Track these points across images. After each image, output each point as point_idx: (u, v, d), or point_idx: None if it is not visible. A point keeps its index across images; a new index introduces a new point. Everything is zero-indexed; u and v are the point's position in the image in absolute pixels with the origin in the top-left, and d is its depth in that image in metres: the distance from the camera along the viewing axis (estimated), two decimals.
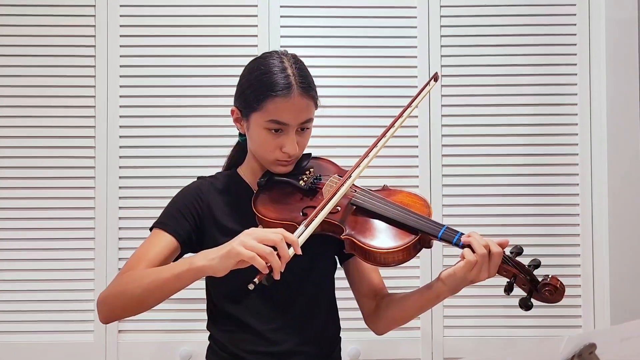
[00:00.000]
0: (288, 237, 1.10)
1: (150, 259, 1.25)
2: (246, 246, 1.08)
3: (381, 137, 1.30)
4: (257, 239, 1.09)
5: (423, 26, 2.06)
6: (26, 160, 2.02)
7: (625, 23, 2.03)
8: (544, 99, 2.06)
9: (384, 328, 1.38)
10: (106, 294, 1.23)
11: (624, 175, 2.01)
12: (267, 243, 1.08)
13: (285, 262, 1.09)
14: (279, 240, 1.08)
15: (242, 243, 1.09)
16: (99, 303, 1.23)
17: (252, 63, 1.32)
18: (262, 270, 1.07)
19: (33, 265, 2.00)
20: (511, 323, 2.01)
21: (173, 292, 1.17)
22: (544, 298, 1.15)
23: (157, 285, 1.16)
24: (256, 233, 1.10)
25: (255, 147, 1.32)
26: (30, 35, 2.04)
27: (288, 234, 1.11)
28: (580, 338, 0.80)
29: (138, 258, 1.26)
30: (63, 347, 1.98)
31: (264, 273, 1.07)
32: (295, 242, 1.11)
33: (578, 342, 0.79)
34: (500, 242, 1.16)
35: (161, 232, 1.29)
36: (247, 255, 1.07)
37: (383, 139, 1.30)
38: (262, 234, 1.10)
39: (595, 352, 0.80)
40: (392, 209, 1.24)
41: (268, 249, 1.07)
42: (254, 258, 1.07)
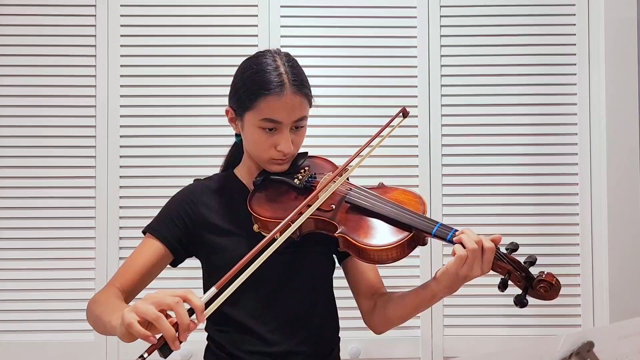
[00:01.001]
0: (192, 301, 0.96)
1: (137, 268, 1.28)
2: (136, 311, 0.96)
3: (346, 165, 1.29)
4: (154, 302, 0.96)
5: (423, 26, 2.06)
6: (27, 160, 2.02)
7: (624, 22, 2.03)
8: (544, 98, 2.07)
9: (382, 327, 1.38)
10: (88, 304, 1.24)
11: (623, 173, 2.01)
12: (162, 307, 0.96)
13: (184, 331, 0.95)
14: (174, 304, 0.95)
15: (134, 308, 0.97)
16: (86, 309, 1.24)
17: (245, 62, 1.33)
18: (143, 340, 0.95)
19: (33, 264, 2.00)
20: (510, 322, 2.01)
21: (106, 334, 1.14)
22: (539, 295, 1.13)
23: (98, 321, 1.15)
24: (154, 296, 0.97)
25: (250, 147, 1.32)
26: (30, 35, 2.04)
27: (192, 297, 0.97)
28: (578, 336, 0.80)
29: (127, 266, 1.29)
30: (63, 347, 1.98)
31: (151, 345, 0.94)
32: (199, 307, 0.96)
33: (576, 340, 0.79)
34: (493, 238, 1.15)
35: (151, 238, 1.31)
36: (127, 321, 0.96)
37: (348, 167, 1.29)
38: (158, 298, 0.97)
39: (593, 350, 0.80)
40: (385, 206, 1.23)
41: (154, 313, 0.95)
42: (130, 325, 0.95)
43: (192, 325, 0.96)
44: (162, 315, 0.95)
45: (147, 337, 0.95)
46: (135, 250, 1.31)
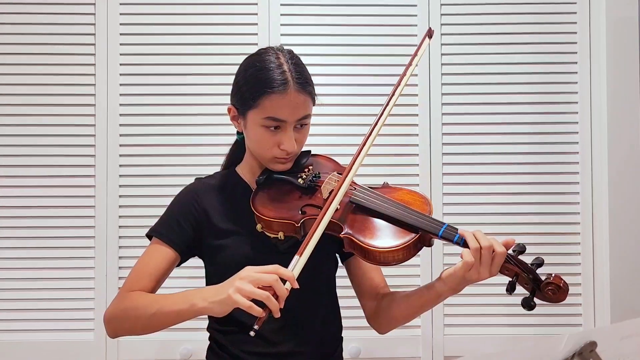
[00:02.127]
0: (283, 274, 1.08)
1: (150, 274, 1.27)
2: (242, 293, 1.07)
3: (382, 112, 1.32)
4: (253, 282, 1.08)
5: (423, 24, 2.06)
6: (26, 159, 2.02)
7: (625, 22, 2.02)
8: (545, 97, 2.06)
9: (385, 327, 1.37)
10: (110, 315, 1.25)
11: (624, 172, 2.01)
12: (264, 285, 1.07)
13: (283, 301, 1.08)
14: (274, 281, 1.07)
15: (238, 290, 1.08)
16: (106, 322, 1.26)
17: (248, 60, 1.31)
18: (260, 316, 1.06)
19: (33, 264, 2.00)
20: (511, 322, 2.01)
21: (174, 324, 1.20)
22: (547, 297, 1.12)
23: (159, 318, 1.19)
24: (251, 276, 1.09)
25: (253, 145, 1.31)
26: (30, 34, 2.04)
27: (283, 270, 1.09)
28: (581, 336, 0.79)
29: (139, 274, 1.28)
30: (63, 346, 1.98)
31: (262, 317, 1.06)
32: (291, 277, 1.09)
33: (579, 340, 0.79)
34: (506, 242, 1.13)
35: (159, 244, 1.30)
36: (244, 304, 1.07)
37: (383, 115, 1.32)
38: (257, 277, 1.08)
39: (596, 350, 0.80)
40: (391, 207, 1.22)
41: (265, 294, 1.06)
42: (251, 308, 1.06)
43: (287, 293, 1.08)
44: (269, 294, 1.06)
45: (261, 314, 1.06)
46: (145, 255, 1.30)
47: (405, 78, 1.35)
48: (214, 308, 1.11)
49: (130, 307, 1.22)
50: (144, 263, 1.29)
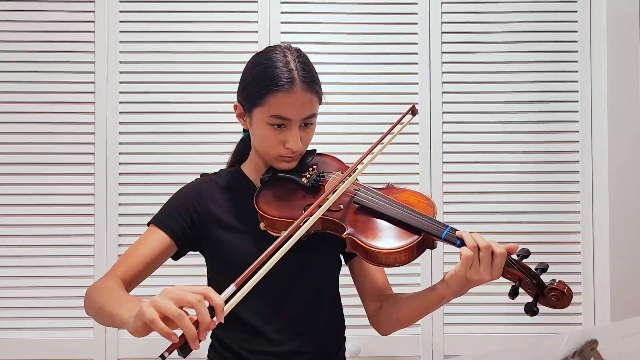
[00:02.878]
0: (212, 298, 0.93)
1: (141, 256, 1.24)
2: (155, 306, 0.92)
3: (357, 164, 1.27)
4: (173, 298, 0.92)
5: (424, 23, 2.06)
6: (26, 156, 2.01)
7: (626, 20, 2.02)
8: (545, 96, 2.06)
9: (388, 329, 1.37)
10: (87, 291, 1.20)
11: (625, 171, 2.00)
12: (184, 304, 0.92)
13: (205, 332, 0.92)
14: (195, 302, 0.92)
15: (153, 303, 0.92)
16: (85, 297, 1.20)
17: (255, 57, 1.30)
18: (165, 337, 0.91)
19: (32, 261, 2.00)
20: (510, 321, 2.01)
21: (112, 326, 1.12)
22: (550, 303, 1.11)
23: (101, 314, 1.12)
24: (173, 292, 0.93)
25: (258, 143, 1.30)
26: (28, 31, 2.03)
27: (213, 294, 0.94)
28: (581, 334, 0.79)
29: (130, 254, 1.26)
30: (63, 344, 1.97)
31: (173, 344, 0.91)
32: (219, 305, 0.93)
33: (579, 339, 0.79)
34: (509, 247, 1.12)
35: (156, 229, 1.28)
36: (149, 317, 0.91)
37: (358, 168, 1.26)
38: (178, 294, 0.93)
39: (597, 348, 0.80)
40: (395, 208, 1.21)
41: (178, 312, 0.91)
42: (154, 321, 0.90)
43: (212, 325, 0.93)
44: (184, 313, 0.91)
45: (170, 336, 0.91)
46: (139, 240, 1.28)
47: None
48: (130, 324, 0.97)
49: (97, 288, 1.18)
50: (136, 247, 1.27)
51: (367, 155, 1.26)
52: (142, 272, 1.26)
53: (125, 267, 1.24)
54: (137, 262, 1.24)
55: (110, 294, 1.13)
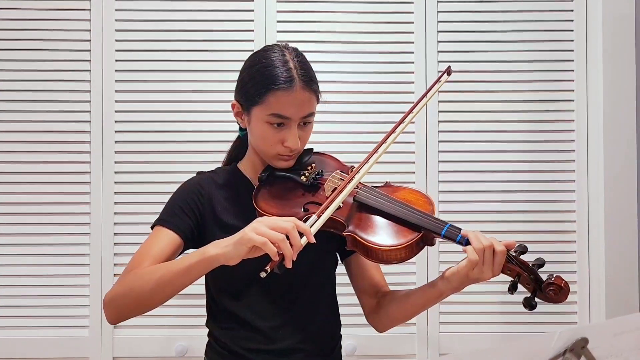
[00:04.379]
0: (300, 226, 1.09)
1: (154, 256, 1.23)
2: (258, 232, 1.07)
3: (391, 133, 1.28)
4: (269, 226, 1.08)
5: (420, 22, 2.06)
6: (21, 155, 2.01)
7: (622, 19, 2.02)
8: (541, 95, 2.06)
9: (385, 325, 1.38)
10: (112, 294, 1.21)
11: (620, 169, 2.01)
12: (279, 230, 1.07)
13: (297, 251, 1.07)
14: (290, 228, 1.07)
15: (254, 229, 1.08)
16: (106, 304, 1.22)
17: (253, 56, 1.31)
18: (273, 257, 1.06)
19: (28, 260, 1.99)
20: (506, 319, 2.02)
21: (184, 287, 1.16)
22: (548, 297, 1.13)
23: (167, 279, 1.14)
24: (268, 220, 1.10)
25: (257, 142, 1.31)
26: (24, 29, 2.03)
27: (300, 222, 1.10)
28: (572, 332, 0.79)
29: (141, 256, 1.24)
30: (58, 343, 1.97)
31: (275, 261, 1.06)
32: (308, 230, 1.09)
33: (570, 337, 0.79)
34: (507, 243, 1.15)
35: (163, 229, 1.27)
36: (259, 240, 1.06)
37: (393, 134, 1.28)
38: (274, 222, 1.09)
39: (587, 347, 0.80)
40: (395, 206, 1.22)
41: (280, 235, 1.06)
42: (265, 244, 1.06)
43: (300, 247, 1.08)
44: (285, 237, 1.07)
45: (276, 255, 1.06)
46: (148, 241, 1.27)
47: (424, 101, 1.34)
48: (227, 252, 1.10)
49: (134, 279, 1.18)
50: (147, 248, 1.25)
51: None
52: None
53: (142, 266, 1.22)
54: (150, 263, 1.22)
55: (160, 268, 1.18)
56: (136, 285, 1.17)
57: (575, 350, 0.79)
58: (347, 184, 1.20)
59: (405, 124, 1.30)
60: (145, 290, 1.16)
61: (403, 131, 1.32)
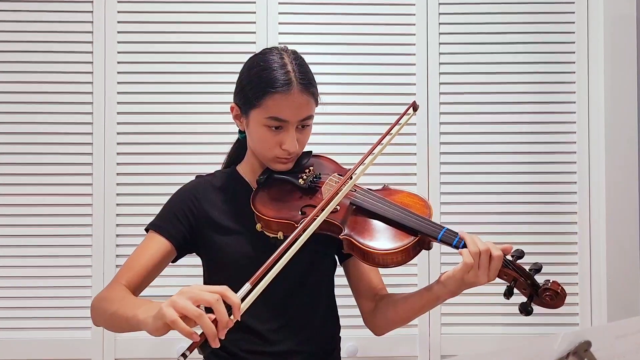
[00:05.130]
0: (229, 298, 0.97)
1: (143, 264, 1.26)
2: (174, 306, 0.96)
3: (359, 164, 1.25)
4: (191, 298, 0.96)
5: (422, 24, 2.06)
6: (23, 156, 2.01)
7: (623, 20, 2.02)
8: (542, 96, 2.06)
9: (383, 329, 1.38)
10: (93, 303, 1.23)
11: (622, 172, 2.01)
12: (200, 303, 0.96)
13: (223, 329, 0.96)
14: (214, 301, 0.95)
15: (172, 303, 0.96)
16: (91, 308, 1.24)
17: (252, 59, 1.31)
18: (188, 337, 0.95)
19: (30, 262, 1.99)
20: (508, 321, 2.01)
21: (127, 331, 1.13)
22: (544, 303, 1.13)
23: (114, 319, 1.14)
24: (191, 292, 0.97)
25: (255, 144, 1.31)
26: (26, 31, 2.03)
27: (230, 293, 0.97)
28: (575, 335, 0.79)
29: (132, 262, 1.27)
30: (60, 344, 1.97)
31: (195, 342, 0.94)
32: (236, 304, 0.97)
33: (573, 340, 0.79)
34: (504, 248, 1.14)
35: (155, 235, 1.29)
36: (169, 317, 0.95)
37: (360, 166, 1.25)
38: (196, 293, 0.96)
39: (590, 349, 0.80)
40: (391, 210, 1.22)
41: (197, 311, 0.94)
42: (175, 322, 0.94)
43: (230, 323, 0.96)
44: (204, 313, 0.95)
45: (191, 335, 0.95)
46: (140, 247, 1.29)
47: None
48: (149, 324, 1.01)
49: (105, 298, 1.21)
50: (137, 254, 1.28)
51: (368, 156, 1.26)
52: (146, 279, 1.27)
53: (128, 276, 1.25)
54: (140, 270, 1.25)
55: (121, 300, 1.16)
56: (102, 307, 1.19)
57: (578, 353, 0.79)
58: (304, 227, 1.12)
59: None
60: (104, 317, 1.19)
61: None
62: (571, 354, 0.79)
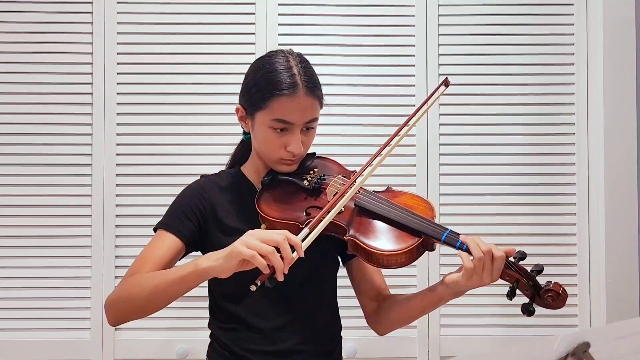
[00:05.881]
0: (291, 239, 1.09)
1: (155, 261, 1.25)
2: (248, 245, 1.08)
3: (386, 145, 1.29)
4: (260, 238, 1.08)
5: (421, 25, 2.06)
6: (22, 157, 2.01)
7: (622, 22, 2.03)
8: (542, 98, 2.07)
9: (385, 329, 1.39)
10: (113, 297, 1.24)
11: (621, 173, 2.01)
12: (270, 243, 1.07)
13: (288, 264, 1.07)
14: (281, 241, 1.08)
15: (244, 242, 1.08)
16: (107, 307, 1.24)
17: (258, 61, 1.32)
18: (263, 270, 1.06)
19: (29, 262, 1.99)
20: (507, 322, 2.02)
21: (178, 295, 1.18)
22: (546, 304, 1.14)
23: (162, 288, 1.17)
24: (259, 233, 1.10)
25: (260, 146, 1.32)
26: (27, 32, 2.03)
27: (291, 235, 1.10)
28: (574, 336, 0.80)
29: (143, 260, 1.26)
30: (59, 345, 1.97)
31: (265, 274, 1.06)
32: (299, 244, 1.09)
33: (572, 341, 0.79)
34: (507, 250, 1.16)
35: (165, 233, 1.29)
36: (248, 254, 1.06)
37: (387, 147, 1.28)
38: (264, 234, 1.09)
39: (589, 350, 0.80)
40: (395, 211, 1.23)
41: (270, 248, 1.07)
42: (254, 257, 1.06)
43: (292, 260, 1.08)
44: (275, 250, 1.07)
45: (266, 268, 1.06)
46: (149, 245, 1.29)
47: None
48: (218, 266, 1.11)
49: (132, 284, 1.21)
50: (149, 251, 1.28)
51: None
52: None
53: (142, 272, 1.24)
54: (152, 267, 1.25)
55: (156, 275, 1.20)
56: (134, 292, 1.20)
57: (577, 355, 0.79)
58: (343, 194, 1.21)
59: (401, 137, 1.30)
60: (142, 296, 1.19)
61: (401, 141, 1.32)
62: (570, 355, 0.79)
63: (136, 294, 1.19)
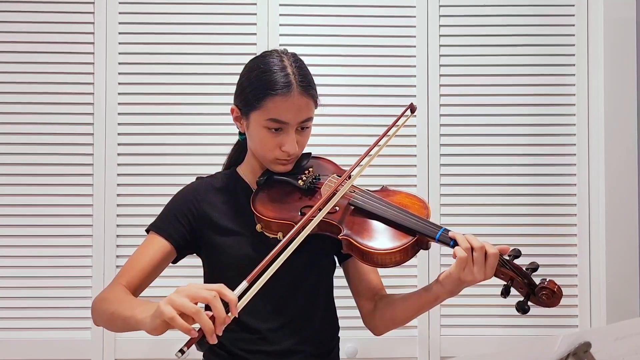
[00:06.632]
0: (226, 295, 0.99)
1: (143, 265, 1.27)
2: (173, 304, 0.98)
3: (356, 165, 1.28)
4: (189, 295, 0.98)
5: (422, 26, 2.06)
6: (24, 157, 2.01)
7: (623, 23, 2.03)
8: (542, 98, 2.07)
9: (382, 329, 1.39)
10: (93, 303, 1.25)
11: (621, 174, 2.01)
12: (198, 300, 0.98)
13: (221, 325, 0.97)
14: (211, 298, 0.97)
15: (169, 301, 0.98)
16: (92, 308, 1.25)
17: (252, 62, 1.32)
18: (186, 334, 0.96)
19: (30, 262, 2.00)
20: (507, 323, 2.02)
21: (126, 330, 1.14)
22: (541, 302, 1.14)
23: (115, 318, 1.16)
24: (189, 289, 1.00)
25: (255, 146, 1.32)
26: (28, 32, 2.03)
27: (227, 291, 0.99)
28: (575, 337, 0.80)
29: (132, 263, 1.28)
30: (60, 345, 1.98)
31: (192, 338, 0.96)
32: (233, 301, 0.98)
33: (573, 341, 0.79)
34: (501, 248, 1.16)
35: (156, 236, 1.31)
36: (168, 315, 0.96)
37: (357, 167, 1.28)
38: (194, 291, 0.99)
39: (590, 350, 0.80)
40: (390, 210, 1.23)
41: (194, 308, 0.97)
42: (173, 319, 0.96)
43: (227, 319, 0.98)
44: (201, 309, 0.97)
45: (189, 331, 0.96)
46: (140, 248, 1.31)
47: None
48: (147, 324, 1.03)
49: (104, 298, 1.22)
50: (137, 255, 1.29)
51: (365, 157, 1.27)
52: (146, 280, 1.28)
53: (129, 276, 1.26)
54: (140, 271, 1.27)
55: (121, 301, 1.18)
56: (102, 308, 1.21)
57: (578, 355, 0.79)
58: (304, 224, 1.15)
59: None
60: (104, 318, 1.21)
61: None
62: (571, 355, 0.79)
63: (102, 312, 1.20)
